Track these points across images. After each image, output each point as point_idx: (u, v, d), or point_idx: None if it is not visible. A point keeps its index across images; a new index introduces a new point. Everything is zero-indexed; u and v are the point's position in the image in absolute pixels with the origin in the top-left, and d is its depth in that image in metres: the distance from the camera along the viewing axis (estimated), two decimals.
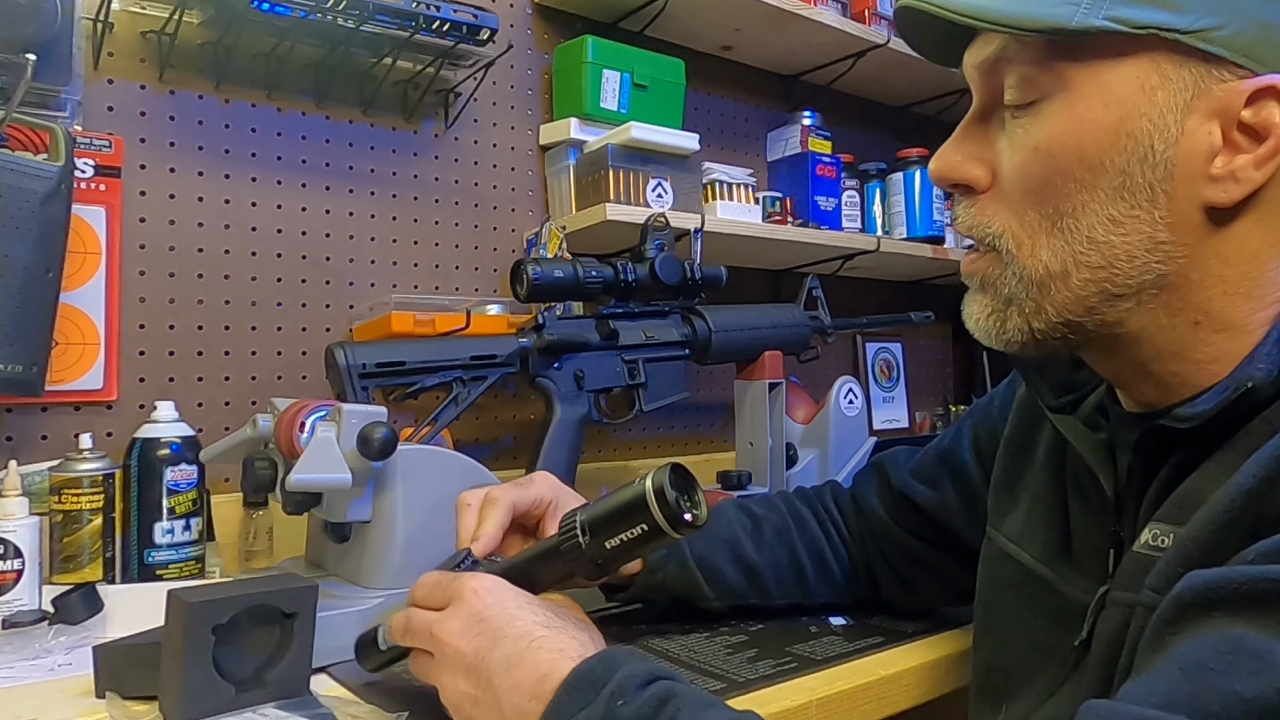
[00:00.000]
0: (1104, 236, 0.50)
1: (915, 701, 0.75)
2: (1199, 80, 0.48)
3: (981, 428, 0.78)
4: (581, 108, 1.34)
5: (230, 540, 1.04)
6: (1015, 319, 0.54)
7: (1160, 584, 0.46)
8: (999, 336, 0.55)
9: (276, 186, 1.17)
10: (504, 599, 0.56)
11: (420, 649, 0.58)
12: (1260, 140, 0.48)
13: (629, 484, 0.58)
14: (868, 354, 1.87)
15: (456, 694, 0.55)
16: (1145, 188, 0.49)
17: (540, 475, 0.72)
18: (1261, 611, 0.38)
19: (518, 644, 0.53)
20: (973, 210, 0.56)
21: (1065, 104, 0.51)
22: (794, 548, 0.84)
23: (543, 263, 1.03)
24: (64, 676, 0.68)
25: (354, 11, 1.06)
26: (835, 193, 1.64)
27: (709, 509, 0.58)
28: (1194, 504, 0.47)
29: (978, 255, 0.56)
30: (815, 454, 1.29)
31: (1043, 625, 0.60)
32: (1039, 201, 0.52)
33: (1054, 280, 0.52)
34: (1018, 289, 0.53)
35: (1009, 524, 0.67)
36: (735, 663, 0.72)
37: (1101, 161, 0.50)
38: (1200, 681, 0.38)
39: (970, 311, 0.57)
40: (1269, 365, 0.48)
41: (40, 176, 0.88)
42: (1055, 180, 0.51)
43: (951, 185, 0.57)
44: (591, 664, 0.51)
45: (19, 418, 0.99)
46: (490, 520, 0.66)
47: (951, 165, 0.56)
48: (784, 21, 1.49)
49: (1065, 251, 0.51)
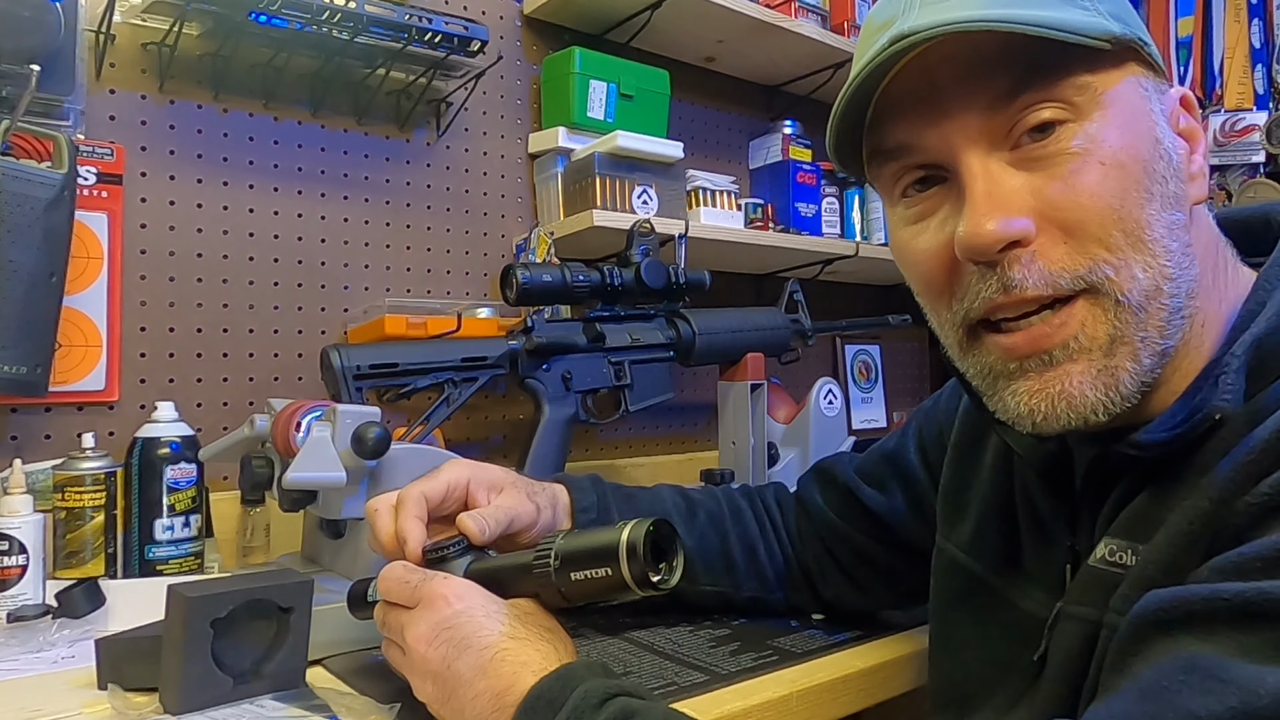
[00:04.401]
0: (1174, 244, 0.47)
1: (892, 693, 0.76)
2: (1158, 87, 0.50)
3: (927, 432, 0.76)
4: (569, 117, 1.35)
5: (228, 536, 1.04)
6: (1127, 365, 0.46)
7: (1124, 607, 0.45)
8: (1116, 398, 0.47)
9: (273, 193, 1.17)
10: (471, 606, 0.56)
11: (393, 641, 0.59)
12: (1190, 144, 0.50)
13: (613, 525, 0.57)
14: (847, 356, 1.87)
15: (425, 694, 0.55)
16: (1175, 193, 0.48)
17: (448, 463, 0.68)
18: (1213, 629, 0.38)
19: (481, 655, 0.53)
20: (1036, 264, 0.46)
21: (1109, 118, 0.47)
22: (726, 537, 0.81)
23: (532, 267, 1.04)
24: (67, 669, 0.69)
25: (349, 24, 1.07)
26: (815, 199, 1.64)
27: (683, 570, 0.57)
28: (1151, 522, 0.47)
29: (1065, 309, 0.47)
30: (796, 453, 1.30)
31: (998, 637, 0.59)
32: (1120, 219, 0.46)
33: (1152, 300, 0.46)
34: (1122, 323, 0.46)
35: (959, 534, 0.65)
36: (718, 656, 0.73)
37: (1154, 169, 0.47)
38: (1157, 701, 0.38)
39: (1065, 392, 0.47)
40: (1235, 395, 0.46)
41: (44, 184, 0.89)
42: (1131, 192, 0.46)
43: (1007, 245, 0.46)
44: (548, 682, 0.51)
45: (23, 417, 1.00)
46: (406, 518, 0.63)
47: (1007, 221, 0.46)
48: (765, 34, 1.50)
49: (1154, 265, 0.46)
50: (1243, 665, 0.37)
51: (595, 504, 0.76)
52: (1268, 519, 0.41)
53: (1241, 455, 0.43)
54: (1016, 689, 0.56)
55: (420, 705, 0.57)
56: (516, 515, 0.67)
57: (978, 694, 0.60)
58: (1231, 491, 0.43)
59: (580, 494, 0.76)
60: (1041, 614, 0.55)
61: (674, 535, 0.57)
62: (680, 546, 0.57)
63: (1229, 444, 0.45)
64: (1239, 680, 0.36)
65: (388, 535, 0.63)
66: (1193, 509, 0.44)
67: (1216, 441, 0.46)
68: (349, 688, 0.65)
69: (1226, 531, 0.42)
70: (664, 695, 0.64)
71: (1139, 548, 0.47)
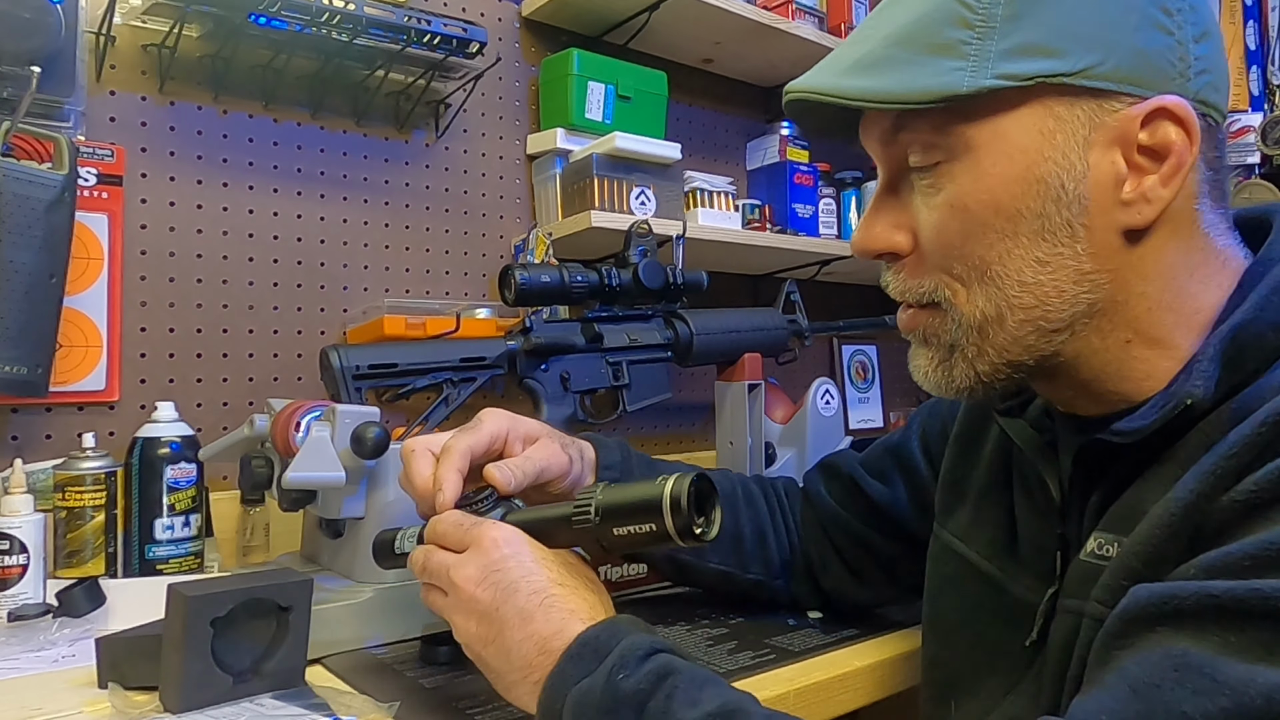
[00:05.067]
0: (1032, 278, 0.51)
1: (889, 692, 0.76)
2: (1092, 115, 0.49)
3: (930, 426, 0.78)
4: (567, 118, 1.35)
5: (228, 536, 1.04)
6: (961, 366, 0.54)
7: (1105, 596, 0.47)
8: (948, 385, 0.56)
9: (273, 194, 1.17)
10: (521, 552, 0.56)
11: (434, 585, 0.59)
12: (1162, 159, 0.49)
13: (653, 480, 0.57)
14: (844, 356, 1.88)
15: (468, 634, 0.56)
16: (1064, 225, 0.50)
17: (488, 413, 0.69)
18: (1204, 627, 0.39)
19: (531, 599, 0.54)
20: (901, 275, 0.56)
21: (970, 162, 0.51)
22: (738, 517, 0.83)
23: (530, 268, 1.04)
24: (68, 667, 0.69)
25: (348, 26, 1.07)
26: (812, 200, 1.65)
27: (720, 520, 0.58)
28: (1134, 515, 0.48)
29: (915, 311, 0.56)
30: (793, 452, 1.30)
31: (989, 622, 0.60)
32: (962, 255, 0.52)
33: (991, 325, 0.52)
34: (959, 336, 0.54)
35: (955, 521, 0.67)
36: (716, 654, 0.73)
37: (1017, 209, 0.50)
38: (1148, 699, 0.39)
39: (917, 365, 0.57)
40: (1206, 382, 0.48)
41: (45, 185, 0.89)
42: (975, 233, 0.51)
43: (876, 255, 0.57)
44: (597, 631, 0.52)
45: (24, 417, 1.00)
46: (448, 468, 0.63)
47: (873, 237, 0.56)
48: (763, 36, 1.51)
49: (998, 297, 0.52)
50: (1233, 664, 0.37)
51: (619, 463, 0.77)
52: (1253, 515, 0.42)
53: (1223, 450, 0.44)
54: (1009, 676, 0.57)
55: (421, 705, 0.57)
56: (548, 466, 0.69)
57: (968, 676, 0.61)
58: (1214, 486, 0.44)
59: (606, 453, 0.77)
60: (1032, 599, 0.56)
61: (713, 489, 0.58)
62: (717, 501, 0.58)
63: (1211, 437, 0.47)
64: (1230, 679, 0.37)
65: (423, 480, 0.64)
66: (1174, 501, 0.45)
67: (1198, 435, 0.48)
68: (348, 686, 0.66)
69: (1209, 525, 0.43)
70: None
71: (1122, 540, 0.49)
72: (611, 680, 0.49)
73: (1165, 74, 0.49)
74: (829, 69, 0.54)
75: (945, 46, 0.50)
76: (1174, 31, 0.50)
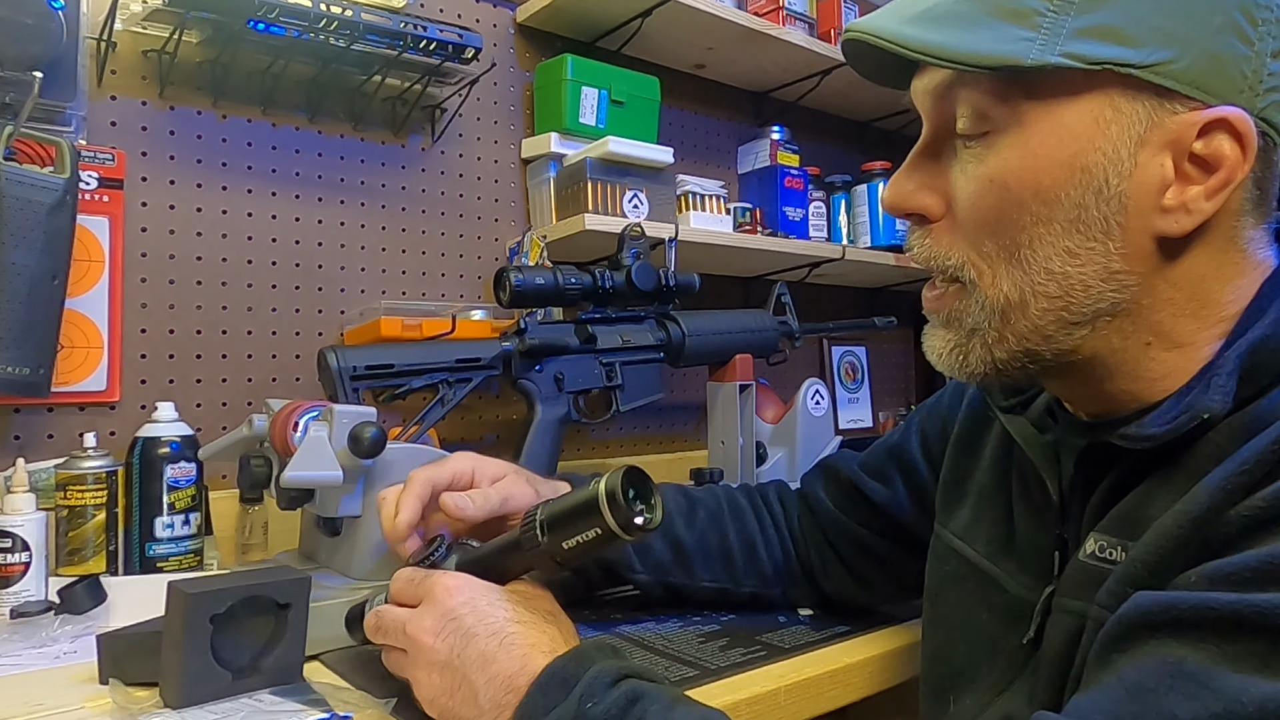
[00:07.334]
0: (1060, 268, 0.49)
1: (879, 688, 0.76)
2: (1152, 113, 0.47)
3: (930, 426, 0.77)
4: (561, 123, 1.36)
5: (227, 534, 1.05)
6: (978, 350, 0.53)
7: (1110, 602, 0.46)
8: (962, 369, 0.54)
9: (271, 198, 1.18)
10: (474, 596, 0.56)
11: (392, 645, 0.58)
12: (1211, 171, 0.47)
13: (587, 484, 0.56)
14: (834, 357, 1.88)
15: (431, 688, 0.54)
16: (1100, 220, 0.48)
17: (457, 454, 0.70)
18: (1202, 636, 0.39)
19: (490, 642, 0.53)
20: (928, 241, 0.54)
21: (1019, 138, 0.49)
22: (725, 533, 0.82)
23: (525, 270, 1.04)
24: (69, 664, 0.69)
25: (345, 31, 1.08)
26: (803, 203, 1.65)
27: (664, 510, 0.57)
28: (1140, 521, 0.48)
29: (941, 291, 0.54)
30: (784, 452, 1.31)
31: (987, 619, 0.60)
32: (995, 233, 0.50)
33: (1014, 310, 0.51)
34: (981, 319, 0.52)
35: (955, 520, 0.66)
36: (708, 651, 0.73)
37: (1057, 195, 0.49)
38: (1142, 702, 0.39)
39: (932, 345, 0.55)
40: (1225, 397, 0.46)
41: (46, 188, 0.90)
42: (1010, 213, 0.50)
43: (905, 214, 0.55)
44: (564, 661, 0.51)
45: (26, 417, 1.01)
46: (407, 497, 0.65)
47: (905, 195, 0.54)
48: (754, 41, 1.52)
49: (1024, 282, 0.50)
50: (1228, 674, 0.38)
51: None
52: (1258, 531, 0.41)
53: (1235, 465, 0.44)
54: (1008, 672, 0.57)
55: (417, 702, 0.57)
56: (511, 495, 0.69)
57: (966, 673, 0.61)
58: (1223, 500, 0.43)
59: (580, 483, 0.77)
60: (1029, 598, 0.56)
61: (646, 477, 0.57)
62: (654, 487, 0.57)
63: (1223, 450, 0.46)
64: (1223, 689, 0.37)
65: (388, 518, 0.65)
66: (1183, 513, 0.44)
67: (1208, 445, 0.47)
68: (346, 682, 0.66)
69: (1216, 539, 0.43)
70: None
71: (1128, 545, 0.48)
72: (581, 709, 0.48)
73: (1234, 84, 0.47)
74: (893, 13, 0.51)
75: (1018, 13, 0.47)
76: (1255, 42, 0.47)
